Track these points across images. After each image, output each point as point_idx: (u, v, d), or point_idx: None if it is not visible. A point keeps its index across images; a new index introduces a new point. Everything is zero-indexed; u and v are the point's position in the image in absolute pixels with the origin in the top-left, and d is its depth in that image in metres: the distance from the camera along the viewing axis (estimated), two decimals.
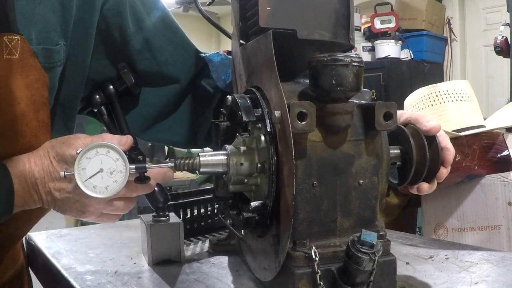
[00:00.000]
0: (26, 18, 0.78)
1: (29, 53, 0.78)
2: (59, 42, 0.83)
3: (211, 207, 1.18)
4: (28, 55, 0.78)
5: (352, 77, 0.67)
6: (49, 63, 0.82)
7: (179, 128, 1.10)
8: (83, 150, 0.72)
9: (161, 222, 0.97)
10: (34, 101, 0.80)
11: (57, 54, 0.83)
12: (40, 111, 0.81)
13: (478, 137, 1.42)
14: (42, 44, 0.80)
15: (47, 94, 0.82)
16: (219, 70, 1.03)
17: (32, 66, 0.79)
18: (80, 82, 0.93)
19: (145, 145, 3.54)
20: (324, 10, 0.75)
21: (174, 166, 0.76)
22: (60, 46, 0.83)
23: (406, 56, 4.67)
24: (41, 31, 0.80)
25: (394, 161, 0.79)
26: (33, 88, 0.79)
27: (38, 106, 0.81)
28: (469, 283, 0.80)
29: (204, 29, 7.25)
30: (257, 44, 0.75)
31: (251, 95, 0.75)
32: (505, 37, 3.58)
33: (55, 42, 0.82)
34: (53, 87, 0.84)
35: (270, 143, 0.69)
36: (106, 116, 1.00)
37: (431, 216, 1.46)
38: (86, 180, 0.72)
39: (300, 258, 0.67)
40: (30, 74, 0.79)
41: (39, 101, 0.81)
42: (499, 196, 1.36)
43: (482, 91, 4.91)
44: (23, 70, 0.77)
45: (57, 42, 0.82)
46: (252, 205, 0.71)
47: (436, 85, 1.53)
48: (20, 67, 0.77)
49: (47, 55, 0.81)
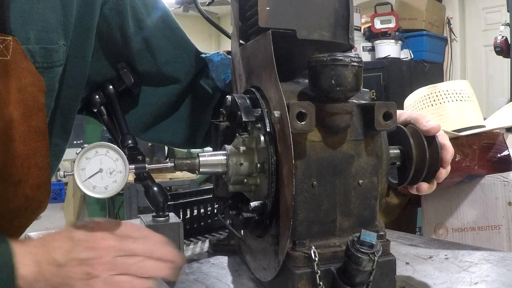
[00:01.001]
0: (23, 17, 0.76)
1: (22, 55, 0.76)
2: (59, 42, 0.81)
3: (211, 207, 1.18)
4: (21, 57, 0.76)
5: (351, 77, 0.67)
6: (48, 63, 0.80)
7: (179, 128, 1.10)
8: (82, 150, 0.72)
9: (160, 222, 0.97)
10: (26, 105, 0.77)
11: (56, 53, 0.81)
12: (33, 116, 0.78)
13: (478, 137, 1.42)
14: (40, 43, 0.79)
15: (43, 99, 0.79)
16: (219, 70, 1.03)
17: (25, 69, 0.76)
18: (80, 83, 0.92)
19: (145, 145, 3.54)
20: (324, 10, 0.75)
21: (173, 166, 0.76)
22: (60, 46, 0.82)
23: (406, 56, 4.67)
24: (41, 31, 0.79)
25: (393, 161, 0.79)
26: (26, 92, 0.77)
27: (31, 111, 0.78)
28: (469, 283, 0.80)
29: (204, 29, 7.25)
30: (256, 44, 0.75)
31: (250, 95, 0.75)
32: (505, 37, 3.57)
33: (54, 41, 0.81)
34: (52, 89, 0.83)
35: (270, 143, 0.69)
36: (106, 116, 1.00)
37: (431, 216, 1.46)
38: (85, 180, 0.72)
39: (300, 258, 0.67)
40: (23, 77, 0.76)
41: (33, 105, 0.78)
42: (499, 196, 1.36)
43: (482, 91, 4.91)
44: (15, 72, 0.75)
45: (56, 42, 0.81)
46: (252, 205, 0.71)
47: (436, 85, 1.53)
48: (12, 69, 0.75)
49: (46, 54, 0.79)
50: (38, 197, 0.83)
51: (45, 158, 0.81)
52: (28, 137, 0.78)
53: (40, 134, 0.80)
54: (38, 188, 0.82)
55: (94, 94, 0.98)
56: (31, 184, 0.81)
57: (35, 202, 0.83)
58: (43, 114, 0.80)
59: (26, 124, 0.78)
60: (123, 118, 0.99)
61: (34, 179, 0.81)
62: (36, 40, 0.78)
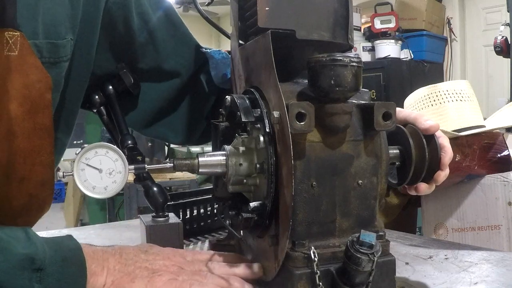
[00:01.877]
0: (30, 11, 0.76)
1: (29, 51, 0.75)
2: (67, 36, 0.81)
3: (211, 207, 1.18)
4: (28, 53, 0.75)
5: (351, 77, 0.66)
6: (55, 58, 0.79)
7: (179, 124, 1.10)
8: (82, 150, 0.72)
9: (160, 222, 0.97)
10: (33, 102, 0.77)
11: (63, 48, 0.80)
12: (39, 113, 0.78)
13: (478, 137, 1.42)
14: (48, 38, 0.78)
15: (50, 96, 0.79)
16: (219, 67, 1.03)
17: (32, 65, 0.76)
18: (85, 77, 0.91)
19: (145, 145, 3.55)
20: (323, 10, 0.75)
21: (173, 166, 0.76)
22: (67, 40, 0.81)
23: (406, 56, 4.67)
24: (48, 25, 0.78)
25: (393, 161, 0.79)
26: (33, 89, 0.76)
27: (38, 108, 0.78)
28: (469, 283, 0.80)
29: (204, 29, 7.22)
30: (256, 44, 0.75)
31: (250, 96, 0.75)
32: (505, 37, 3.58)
33: (62, 36, 0.80)
34: (58, 84, 0.82)
35: (269, 143, 0.69)
36: (106, 116, 1.00)
37: (431, 216, 1.46)
38: (85, 180, 0.72)
39: (299, 258, 0.67)
40: (30, 73, 0.76)
41: (39, 102, 0.78)
42: (499, 196, 1.36)
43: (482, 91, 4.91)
44: (22, 68, 0.75)
45: (64, 36, 0.80)
46: (251, 206, 0.71)
47: (436, 85, 1.53)
48: (19, 64, 0.75)
49: (53, 49, 0.79)
50: (41, 195, 0.83)
51: (49, 155, 0.81)
52: (33, 134, 0.78)
53: (45, 131, 0.80)
54: (42, 186, 0.82)
55: (94, 94, 0.98)
56: (35, 181, 0.81)
57: (39, 200, 0.83)
58: (49, 111, 0.80)
59: (31, 121, 0.78)
60: (123, 119, 0.99)
61: (38, 177, 0.81)
62: (44, 34, 0.78)
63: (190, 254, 0.80)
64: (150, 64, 1.01)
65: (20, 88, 0.75)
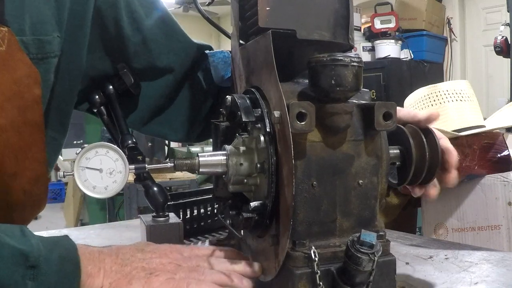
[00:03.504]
0: (17, 8, 0.76)
1: (17, 47, 0.75)
2: (53, 33, 0.81)
3: (211, 207, 1.18)
4: (16, 48, 0.75)
5: (351, 77, 0.66)
6: (42, 54, 0.79)
7: (177, 121, 1.11)
8: (82, 150, 0.72)
9: (160, 222, 0.97)
10: (22, 97, 0.77)
11: (50, 45, 0.80)
12: (28, 108, 0.78)
13: (478, 137, 1.42)
14: (34, 34, 0.78)
15: (39, 91, 0.79)
16: (219, 66, 1.03)
17: (20, 61, 0.76)
18: (75, 76, 0.91)
19: (145, 145, 3.55)
20: (324, 10, 0.75)
21: (173, 166, 0.76)
22: (54, 37, 0.81)
23: (406, 56, 4.67)
24: (35, 22, 0.78)
25: (393, 161, 0.79)
26: (22, 84, 0.76)
27: (27, 103, 0.78)
28: (469, 283, 0.80)
29: (204, 29, 7.24)
30: (256, 44, 0.75)
31: (250, 95, 0.75)
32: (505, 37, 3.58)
33: (49, 33, 0.80)
34: (47, 80, 0.82)
35: (270, 143, 0.69)
36: (106, 116, 1.00)
37: (431, 216, 1.46)
38: (85, 180, 0.72)
39: (300, 258, 0.67)
40: (18, 69, 0.76)
41: (29, 98, 0.78)
42: (499, 196, 1.36)
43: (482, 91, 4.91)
44: (10, 63, 0.75)
45: (51, 34, 0.81)
46: (252, 205, 0.71)
47: (436, 85, 1.53)
48: (7, 59, 0.75)
49: (39, 45, 0.79)
50: (36, 192, 0.83)
51: (41, 151, 0.81)
52: (23, 130, 0.78)
53: (36, 127, 0.80)
54: (36, 181, 0.82)
55: (94, 94, 0.98)
56: (28, 177, 0.81)
57: (33, 196, 0.84)
58: (39, 107, 0.80)
59: (21, 116, 0.78)
60: (123, 119, 0.99)
61: (31, 173, 0.81)
62: (31, 31, 0.78)
63: (187, 249, 0.79)
64: (143, 63, 1.01)
65: (8, 83, 0.75)
